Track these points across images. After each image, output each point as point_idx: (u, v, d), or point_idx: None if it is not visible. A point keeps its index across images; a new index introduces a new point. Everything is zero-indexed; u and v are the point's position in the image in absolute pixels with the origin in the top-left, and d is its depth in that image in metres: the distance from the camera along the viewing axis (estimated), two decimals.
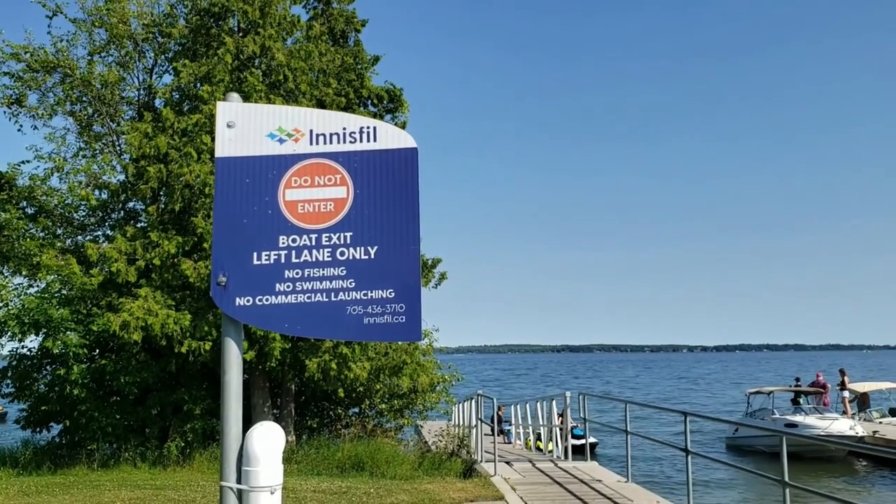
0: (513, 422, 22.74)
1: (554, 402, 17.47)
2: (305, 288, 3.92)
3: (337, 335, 3.99)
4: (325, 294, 3.89)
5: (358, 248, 3.89)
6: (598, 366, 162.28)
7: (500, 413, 25.26)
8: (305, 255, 3.95)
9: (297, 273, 3.95)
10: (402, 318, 3.84)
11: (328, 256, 3.92)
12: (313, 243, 3.95)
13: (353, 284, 3.87)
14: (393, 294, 3.86)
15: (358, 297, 3.85)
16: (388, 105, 19.73)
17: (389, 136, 4.04)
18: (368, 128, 4.06)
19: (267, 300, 4.00)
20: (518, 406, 22.61)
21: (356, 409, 20.17)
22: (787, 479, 7.57)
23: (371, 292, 3.86)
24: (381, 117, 19.56)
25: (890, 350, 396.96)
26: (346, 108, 18.03)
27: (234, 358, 3.97)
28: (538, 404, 20.08)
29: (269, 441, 3.87)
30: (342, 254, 3.90)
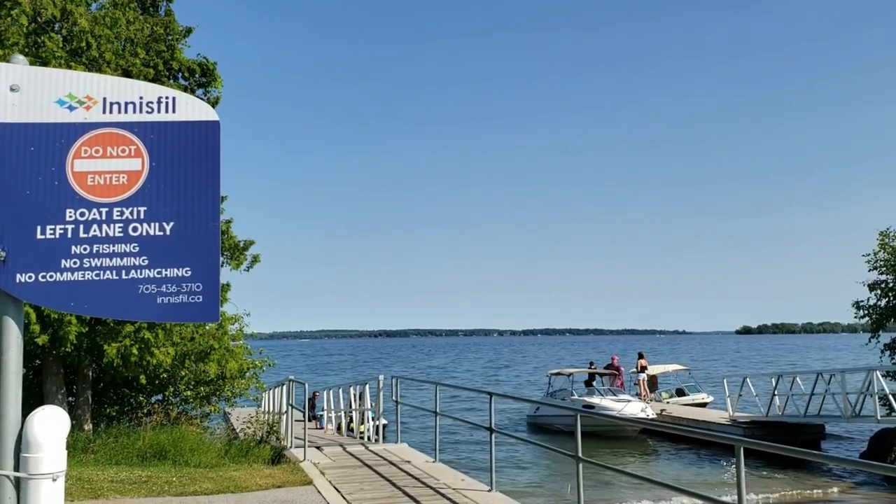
0: (325, 407, 22.66)
1: (367, 387, 17.58)
2: (94, 265, 3.70)
3: (128, 315, 3.79)
4: (115, 272, 3.68)
5: (152, 224, 3.71)
6: (414, 350, 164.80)
7: (314, 399, 25.11)
8: (94, 230, 3.72)
9: (85, 249, 3.71)
10: (198, 299, 3.70)
11: (119, 232, 3.71)
12: (103, 217, 3.73)
13: (147, 262, 3.69)
14: (189, 273, 3.71)
15: (151, 276, 3.67)
16: (201, 79, 18.92)
17: (190, 108, 3.87)
18: (167, 98, 3.87)
19: (51, 277, 3.73)
20: (331, 391, 22.56)
21: (159, 397, 19.33)
22: (580, 454, 8.02)
23: (166, 271, 3.69)
24: (193, 91, 18.77)
25: (679, 335, 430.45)
26: (155, 80, 17.12)
27: (13, 338, 3.68)
28: (351, 389, 20.12)
29: (51, 426, 3.64)
30: (135, 229, 3.70)
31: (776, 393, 23.58)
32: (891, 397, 20.29)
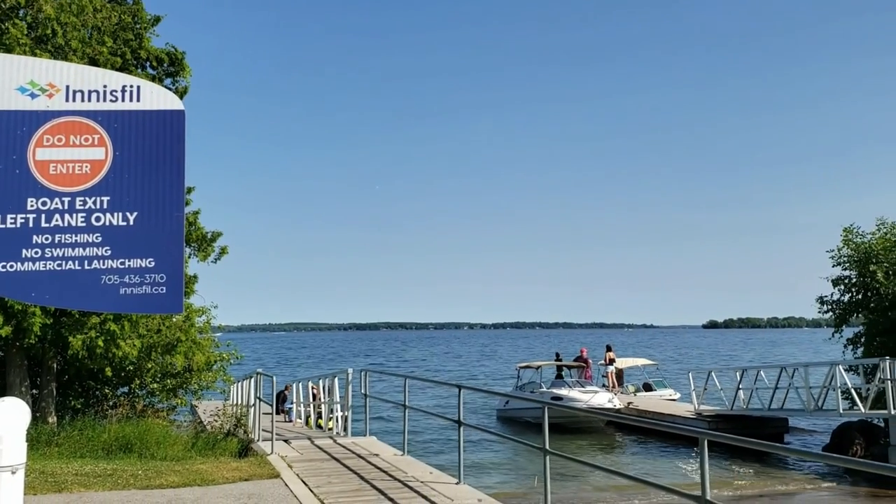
0: (294, 400, 22.59)
1: (336, 380, 17.53)
2: (56, 255, 3.63)
3: (90, 306, 3.75)
4: (77, 262, 3.62)
5: (115, 214, 3.65)
6: (383, 343, 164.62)
7: (286, 392, 25.01)
8: (57, 220, 3.65)
9: (46, 238, 3.65)
10: (162, 290, 3.65)
11: (82, 222, 3.65)
12: (66, 207, 3.67)
13: (110, 252, 3.63)
14: (153, 263, 3.66)
15: (114, 266, 3.62)
16: (169, 68, 18.71)
17: (155, 97, 3.82)
18: (132, 87, 3.82)
19: (11, 266, 3.66)
20: (300, 384, 22.48)
21: (125, 389, 19.13)
22: (547, 447, 8.06)
23: (129, 261, 3.64)
24: (161, 81, 18.55)
25: (647, 328, 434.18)
26: (123, 69, 16.87)
27: None
28: (320, 382, 20.04)
29: (11, 418, 3.57)
30: (98, 219, 3.65)
31: (741, 387, 23.89)
32: (853, 391, 20.64)
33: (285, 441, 14.12)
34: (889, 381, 18.53)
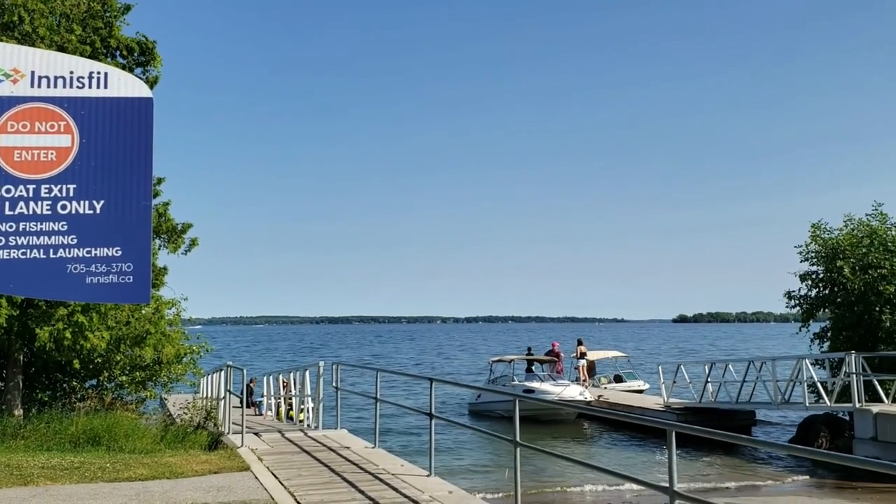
0: (265, 393, 22.47)
1: (307, 373, 17.46)
2: (20, 243, 3.59)
3: (56, 295, 3.70)
4: (43, 250, 3.59)
5: (82, 202, 3.62)
6: (356, 336, 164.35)
7: (251, 385, 24.86)
8: (21, 208, 3.62)
9: (10, 227, 3.61)
10: (129, 279, 3.63)
11: (48, 210, 3.62)
12: (31, 195, 3.63)
13: (76, 241, 3.60)
14: (120, 253, 3.63)
15: (80, 255, 3.59)
16: (140, 58, 18.47)
17: (122, 84, 3.78)
18: (99, 73, 3.78)
19: None
20: (271, 377, 22.37)
21: (94, 382, 18.93)
22: (517, 439, 8.10)
23: (95, 250, 3.61)
24: (132, 70, 18.31)
25: (618, 322, 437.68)
26: (92, 58, 16.48)
27: None
28: (291, 375, 19.97)
29: None
30: (64, 207, 3.61)
31: (709, 380, 24.15)
32: (819, 385, 20.96)
33: (255, 434, 14.05)
34: (854, 375, 18.82)
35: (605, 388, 32.33)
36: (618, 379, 34.32)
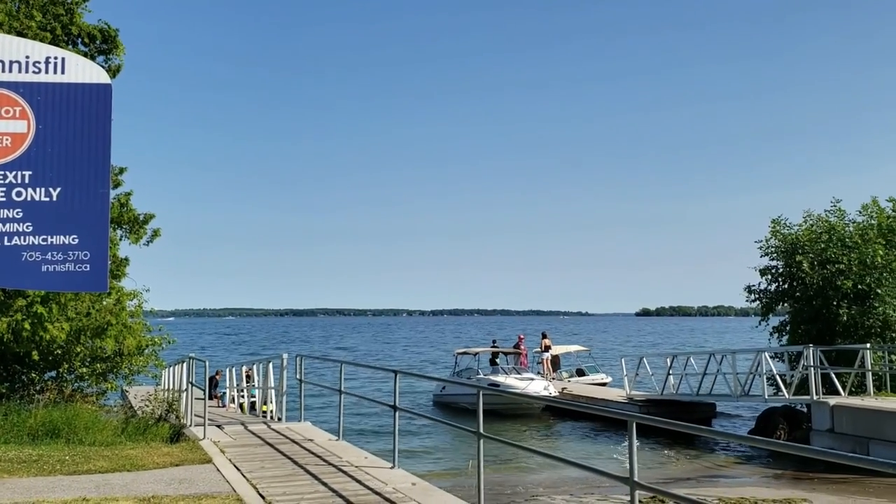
0: (228, 385, 22.32)
1: (270, 365, 17.37)
2: None
3: (10, 283, 3.63)
4: None
5: (38, 189, 3.56)
6: (323, 329, 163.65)
7: (217, 377, 24.67)
8: None
9: None
10: (86, 267, 3.58)
11: (2, 197, 3.55)
12: None
13: (31, 228, 3.54)
14: (77, 241, 3.58)
15: (36, 243, 3.53)
16: (102, 46, 18.19)
17: (80, 70, 3.72)
18: (56, 58, 3.71)
19: None
20: (234, 369, 22.21)
21: (53, 374, 18.64)
22: (481, 430, 8.12)
23: (52, 238, 3.55)
24: (94, 58, 18.02)
25: (582, 316, 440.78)
26: (53, 45, 16.35)
27: None
28: (255, 367, 19.84)
29: None
30: (19, 194, 3.55)
31: (671, 373, 24.43)
32: (777, 378, 21.32)
33: (218, 426, 13.95)
34: (812, 368, 19.16)
35: (569, 381, 32.61)
36: (580, 373, 34.66)
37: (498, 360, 31.52)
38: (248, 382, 21.97)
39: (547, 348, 33.74)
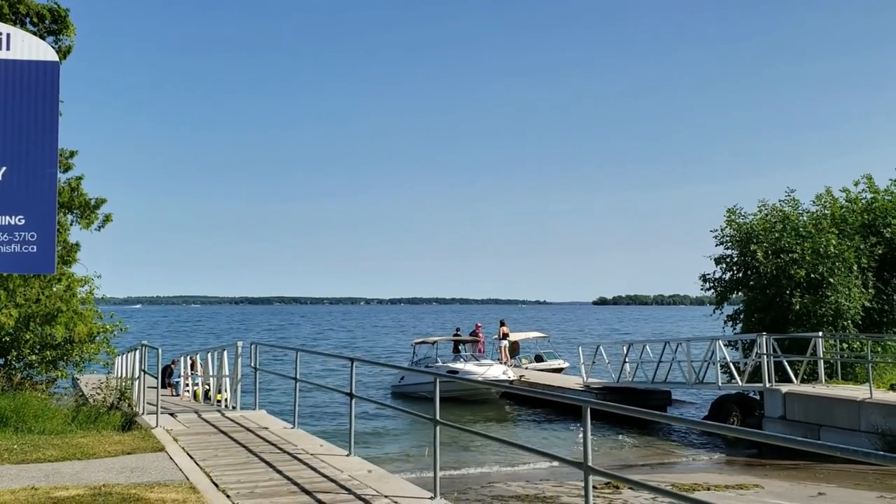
0: (182, 374, 22.04)
1: (225, 353, 17.18)
2: None
3: None
4: None
5: None
6: (279, 317, 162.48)
7: (172, 366, 24.33)
8: None
9: None
10: (32, 249, 3.46)
11: None
12: None
13: None
14: (23, 221, 3.46)
15: None
16: (51, 26, 17.79)
17: (26, 46, 3.59)
18: (0, 34, 3.58)
19: None
20: (188, 357, 21.94)
21: (1, 361, 18.25)
22: (437, 417, 8.11)
23: None
24: (43, 38, 17.56)
25: (539, 304, 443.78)
26: None
27: None
28: (209, 355, 19.62)
29: None
30: None
31: (627, 360, 24.72)
32: (731, 365, 21.69)
33: (171, 415, 13.78)
34: (765, 356, 19.51)
35: (527, 367, 32.85)
36: (538, 359, 34.97)
37: (460, 349, 31.67)
38: (192, 371, 21.69)
39: (505, 336, 33.94)
